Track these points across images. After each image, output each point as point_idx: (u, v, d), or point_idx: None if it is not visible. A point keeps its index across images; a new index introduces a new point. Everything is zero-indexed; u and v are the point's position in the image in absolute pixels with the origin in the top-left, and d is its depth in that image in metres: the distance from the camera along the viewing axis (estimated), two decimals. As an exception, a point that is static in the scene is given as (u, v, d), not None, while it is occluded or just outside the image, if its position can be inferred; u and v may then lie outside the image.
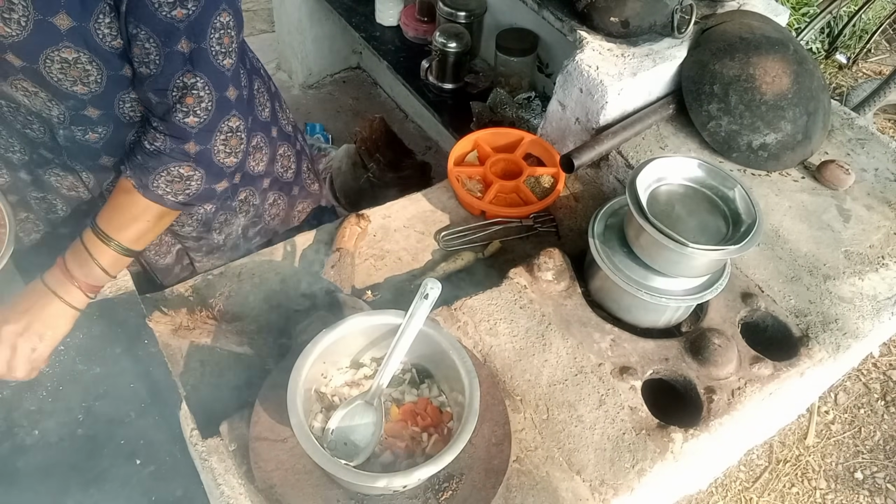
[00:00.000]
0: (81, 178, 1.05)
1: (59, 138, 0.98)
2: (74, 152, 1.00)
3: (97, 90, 0.90)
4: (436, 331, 0.89)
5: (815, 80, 1.43)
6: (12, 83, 0.89)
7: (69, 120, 0.94)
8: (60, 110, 0.92)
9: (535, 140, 1.42)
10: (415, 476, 0.77)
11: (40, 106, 0.92)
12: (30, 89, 0.89)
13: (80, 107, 0.92)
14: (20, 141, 1.01)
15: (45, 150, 1.02)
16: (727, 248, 0.98)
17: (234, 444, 0.90)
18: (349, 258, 1.16)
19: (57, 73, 0.86)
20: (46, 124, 0.97)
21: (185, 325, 1.05)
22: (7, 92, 0.91)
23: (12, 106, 0.94)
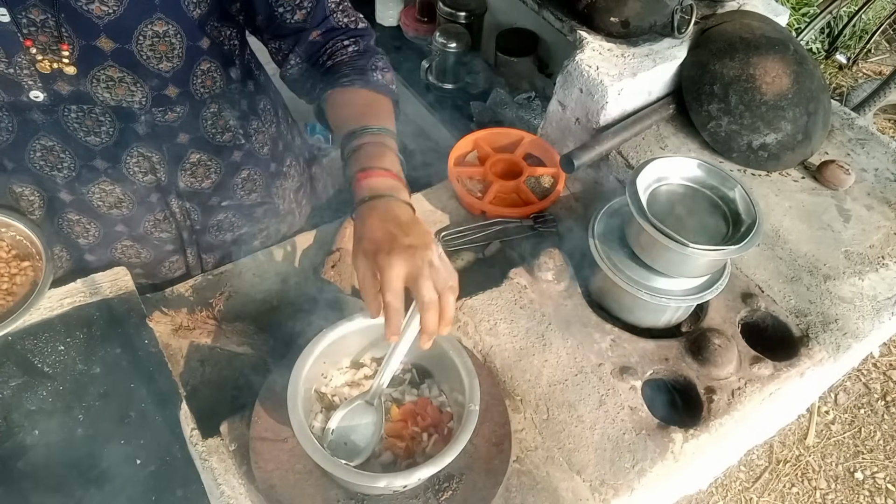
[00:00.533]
0: (153, 164, 1.04)
1: (140, 125, 0.98)
2: (154, 137, 1.01)
3: (178, 65, 0.92)
4: None
5: (815, 80, 1.43)
6: (95, 76, 0.89)
7: (151, 102, 0.95)
8: (143, 93, 0.93)
9: (535, 140, 1.42)
10: (415, 476, 0.77)
11: (122, 94, 0.92)
12: (115, 76, 0.90)
13: (163, 86, 0.94)
14: (73, 154, 0.99)
15: (101, 159, 1.00)
16: (727, 249, 0.98)
17: (234, 444, 0.90)
18: (349, 258, 1.16)
19: (147, 51, 0.88)
20: (121, 117, 0.96)
21: (185, 325, 1.05)
22: (85, 91, 0.91)
23: (84, 109, 0.93)
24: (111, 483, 0.86)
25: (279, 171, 1.23)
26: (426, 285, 0.74)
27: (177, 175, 1.08)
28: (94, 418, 0.91)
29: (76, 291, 1.04)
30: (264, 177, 1.19)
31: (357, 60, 0.95)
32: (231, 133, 1.08)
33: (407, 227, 0.77)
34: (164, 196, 1.10)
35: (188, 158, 1.07)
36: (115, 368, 0.95)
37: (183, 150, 1.05)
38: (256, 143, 1.15)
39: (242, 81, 1.08)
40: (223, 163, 1.11)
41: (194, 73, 0.96)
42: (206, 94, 1.01)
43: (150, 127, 0.99)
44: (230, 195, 1.16)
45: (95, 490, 0.85)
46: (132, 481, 0.86)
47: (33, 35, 0.84)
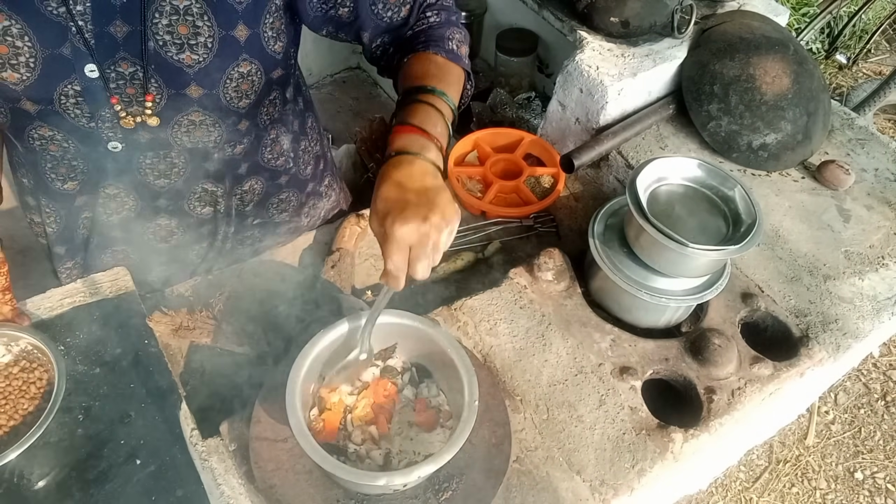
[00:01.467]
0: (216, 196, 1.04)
1: (211, 163, 0.98)
2: (221, 171, 1.01)
3: (254, 100, 0.92)
4: (434, 329, 0.89)
5: (815, 80, 1.43)
6: (178, 121, 0.88)
7: (224, 139, 0.95)
8: (220, 131, 0.94)
9: (535, 140, 1.42)
10: (415, 474, 0.77)
11: (200, 136, 0.92)
12: (196, 120, 0.90)
13: (237, 122, 0.94)
14: (137, 196, 0.99)
15: (165, 199, 1.01)
16: (727, 249, 0.98)
17: (234, 444, 0.90)
18: (349, 258, 1.16)
19: (231, 92, 0.88)
20: (195, 157, 0.96)
21: (186, 325, 1.05)
22: (164, 138, 0.90)
23: (159, 155, 0.93)
24: (111, 483, 0.86)
25: (315, 190, 1.23)
26: (423, 266, 0.73)
27: (231, 202, 1.09)
28: (94, 418, 0.91)
29: (76, 291, 1.04)
30: (300, 197, 1.20)
31: (436, 30, 0.93)
32: (284, 158, 1.09)
33: (425, 192, 0.73)
34: (215, 227, 1.10)
35: (242, 186, 1.08)
36: (115, 368, 0.95)
37: (242, 178, 1.06)
38: (302, 164, 1.16)
39: (294, 100, 1.08)
40: (269, 184, 1.12)
41: (262, 103, 0.97)
42: (268, 122, 1.01)
43: (219, 163, 0.99)
44: (263, 214, 1.17)
45: (95, 490, 0.85)
46: (132, 481, 0.86)
47: (121, 89, 0.84)
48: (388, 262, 0.73)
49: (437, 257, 0.75)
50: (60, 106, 0.84)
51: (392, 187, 0.74)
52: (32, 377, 0.90)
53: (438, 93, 0.84)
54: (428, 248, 0.73)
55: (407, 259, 0.73)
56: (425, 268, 0.74)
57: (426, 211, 0.72)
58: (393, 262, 0.72)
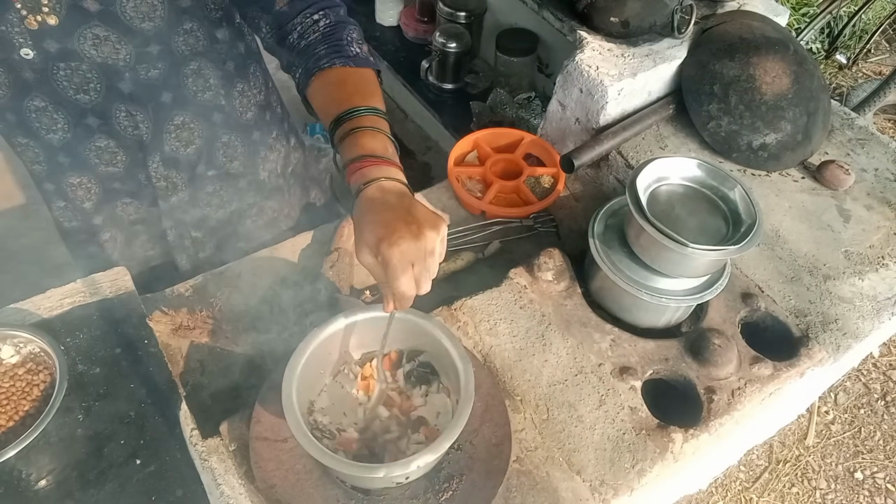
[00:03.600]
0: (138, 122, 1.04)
1: (125, 83, 0.99)
2: (138, 94, 1.01)
3: (160, 24, 0.94)
4: (427, 322, 0.88)
5: (815, 80, 1.43)
6: (82, 34, 0.91)
7: (134, 59, 0.96)
8: (128, 50, 0.95)
9: (535, 140, 1.42)
10: (414, 465, 0.76)
11: (107, 52, 0.94)
12: (101, 35, 0.92)
13: (145, 44, 0.95)
14: (66, 114, 1.01)
15: (93, 116, 1.02)
16: (727, 249, 0.98)
17: (234, 444, 0.90)
18: (348, 258, 1.16)
19: (130, 11, 0.91)
20: (108, 75, 0.97)
21: (185, 324, 1.05)
22: (73, 49, 0.92)
23: (71, 66, 0.95)
24: (111, 483, 0.86)
25: (263, 140, 1.21)
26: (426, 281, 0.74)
27: (161, 138, 1.07)
28: (94, 418, 0.91)
29: (76, 291, 1.04)
30: (246, 145, 1.18)
31: (330, 36, 0.92)
32: (212, 92, 1.08)
33: (407, 211, 0.74)
34: (145, 157, 1.09)
35: (172, 120, 1.07)
36: (115, 368, 0.96)
37: (167, 110, 1.05)
38: (239, 107, 1.13)
39: (231, 43, 1.07)
40: (205, 125, 1.10)
41: (176, 31, 0.97)
42: (187, 52, 1.01)
43: (134, 84, 0.99)
44: (215, 162, 1.15)
45: (95, 490, 0.85)
46: (132, 481, 0.86)
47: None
48: (397, 285, 0.73)
49: (436, 268, 0.76)
50: None
51: (373, 217, 0.75)
52: (37, 379, 0.90)
53: (370, 111, 0.84)
54: (428, 261, 0.74)
55: (412, 277, 0.74)
56: (428, 281, 0.75)
57: (416, 228, 0.73)
58: (402, 285, 0.73)
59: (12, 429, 0.86)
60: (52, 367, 0.90)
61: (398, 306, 0.77)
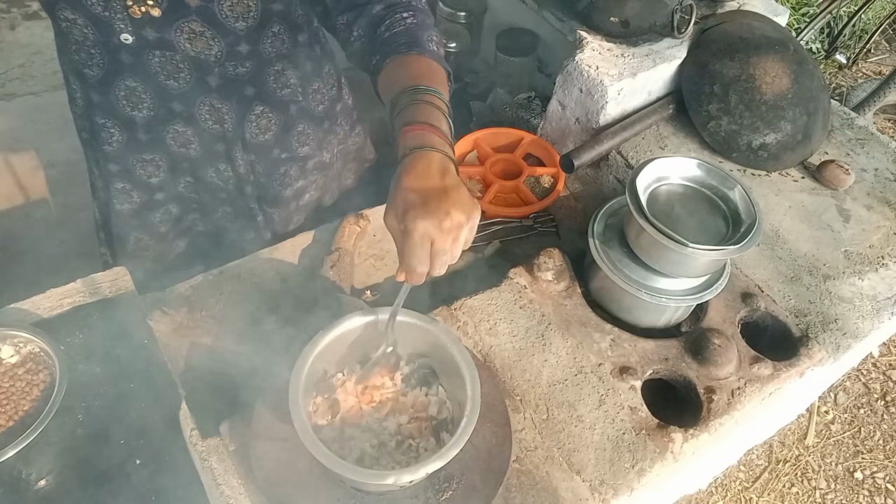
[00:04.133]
0: (222, 115, 1.11)
1: (213, 77, 1.05)
2: (225, 89, 1.07)
3: (252, 24, 1.00)
4: (434, 326, 0.89)
5: (815, 80, 1.43)
6: (179, 27, 0.97)
7: (224, 57, 1.02)
8: (220, 47, 1.01)
9: (535, 140, 1.42)
10: (422, 471, 0.77)
11: (201, 47, 1.00)
12: (196, 30, 0.98)
13: (236, 43, 1.01)
14: (153, 95, 1.06)
15: (178, 103, 1.07)
16: (727, 249, 0.98)
17: (234, 444, 0.90)
18: (348, 258, 1.16)
19: (227, 10, 0.97)
20: (198, 68, 1.03)
21: (186, 324, 1.05)
22: (169, 39, 0.98)
23: (166, 55, 1.00)
24: (111, 483, 0.86)
25: (332, 128, 1.29)
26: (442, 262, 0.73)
27: (243, 126, 1.14)
28: (94, 418, 0.91)
29: (76, 291, 1.04)
30: (317, 132, 1.25)
31: (414, 31, 0.95)
32: (290, 90, 1.15)
33: (445, 189, 0.73)
34: (228, 148, 1.16)
35: (253, 110, 1.13)
36: (115, 368, 0.95)
37: (248, 102, 1.12)
38: (313, 102, 1.21)
39: (309, 46, 1.14)
40: (283, 116, 1.17)
41: (265, 34, 1.03)
42: (273, 54, 1.07)
43: (221, 79, 1.06)
44: (288, 147, 1.22)
45: (95, 490, 0.85)
46: (132, 481, 0.86)
47: None
48: (410, 257, 0.72)
49: (457, 254, 0.75)
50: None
51: (412, 182, 0.73)
52: (37, 379, 0.90)
53: (435, 92, 0.84)
54: (448, 244, 0.72)
55: (429, 254, 0.73)
56: (444, 264, 0.74)
57: (448, 206, 0.71)
58: (416, 258, 0.72)
59: (12, 429, 0.86)
60: (52, 367, 0.90)
61: (408, 279, 0.76)
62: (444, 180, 0.74)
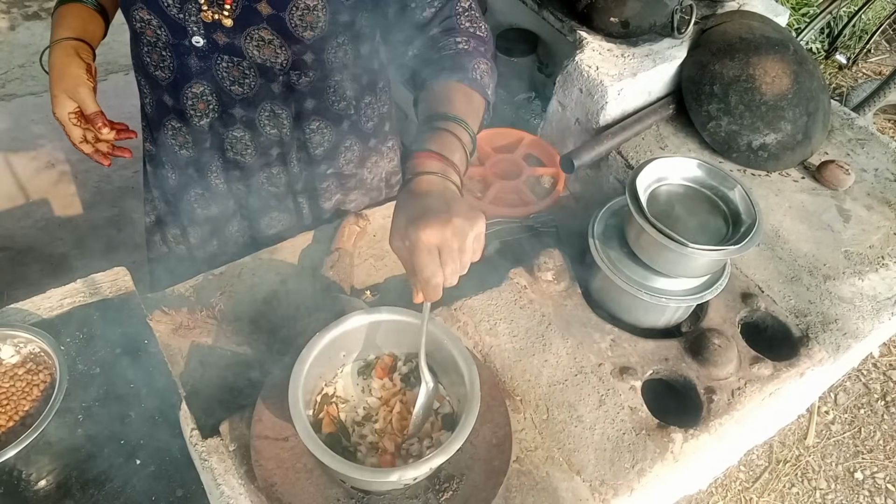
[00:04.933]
0: (282, 121, 1.13)
1: (277, 84, 1.07)
2: (286, 97, 1.09)
3: (319, 34, 1.00)
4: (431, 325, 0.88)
5: (815, 80, 1.43)
6: (249, 33, 0.98)
7: (290, 66, 1.04)
8: (286, 56, 1.02)
9: (535, 140, 1.42)
10: (425, 467, 0.77)
11: (268, 55, 1.01)
12: (265, 38, 0.99)
13: (303, 52, 1.02)
14: (218, 98, 1.08)
15: (240, 108, 1.09)
16: (727, 249, 0.98)
17: (234, 444, 0.90)
18: (348, 258, 1.16)
19: (297, 20, 0.97)
20: (264, 74, 1.05)
21: (186, 324, 1.05)
22: (238, 45, 1.00)
23: (234, 61, 1.02)
24: (111, 483, 0.86)
25: (377, 147, 1.29)
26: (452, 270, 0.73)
27: (300, 133, 1.16)
28: (94, 418, 0.91)
29: (76, 291, 1.04)
30: (362, 150, 1.26)
31: (462, 57, 0.95)
32: (346, 103, 1.16)
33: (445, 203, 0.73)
34: (284, 152, 1.18)
35: (310, 123, 1.15)
36: (115, 368, 0.95)
37: (307, 113, 1.14)
38: (364, 117, 1.22)
39: (368, 59, 1.15)
40: (335, 130, 1.19)
41: (330, 44, 1.04)
42: (336, 64, 1.08)
43: (285, 87, 1.08)
44: (335, 163, 1.24)
45: (95, 490, 0.85)
46: (132, 481, 0.86)
47: None
48: (422, 270, 0.72)
49: (466, 262, 0.74)
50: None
51: (410, 202, 0.75)
52: (37, 380, 0.90)
53: (458, 121, 0.85)
54: (454, 251, 0.72)
55: (439, 264, 0.72)
56: (454, 273, 0.73)
57: (447, 215, 0.71)
58: (427, 269, 0.72)
59: (12, 429, 0.87)
60: (52, 367, 0.90)
61: (426, 297, 0.75)
62: (443, 196, 0.75)
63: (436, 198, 0.74)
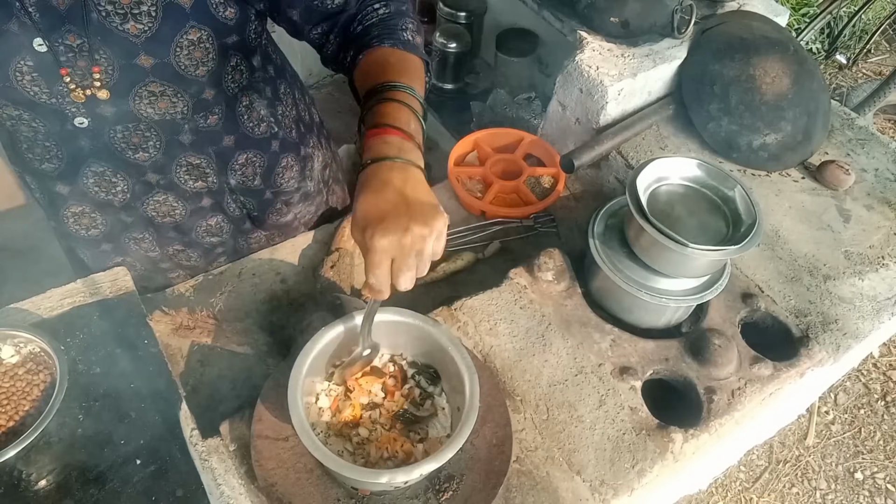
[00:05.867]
0: (203, 170, 1.05)
1: (185, 134, 0.98)
2: (200, 143, 1.01)
3: (213, 67, 0.92)
4: (435, 328, 0.89)
5: (815, 80, 1.43)
6: (138, 93, 0.89)
7: (192, 110, 0.95)
8: (185, 102, 0.93)
9: (535, 140, 1.42)
10: (416, 472, 0.77)
11: (165, 107, 0.92)
12: (156, 91, 0.90)
13: (200, 91, 0.94)
14: (125, 175, 1.01)
15: (152, 172, 1.01)
16: (727, 249, 0.98)
17: (234, 444, 0.90)
18: (348, 258, 1.16)
19: (185, 60, 0.88)
20: (165, 130, 0.96)
21: (186, 324, 1.05)
22: (128, 110, 0.90)
23: (129, 128, 0.93)
24: (111, 483, 0.86)
25: (307, 153, 1.23)
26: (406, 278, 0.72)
27: (227, 175, 1.09)
28: (94, 418, 0.91)
29: (76, 291, 1.04)
30: (298, 161, 1.20)
31: (387, 21, 0.91)
32: (266, 123, 1.09)
33: (405, 201, 0.71)
34: (217, 200, 1.11)
35: (236, 160, 1.08)
36: (115, 368, 0.95)
37: (230, 152, 1.06)
38: (286, 129, 1.15)
39: (263, 68, 1.08)
40: (265, 155, 1.12)
41: (225, 71, 0.96)
42: (236, 89, 1.01)
43: (194, 134, 0.99)
44: (274, 184, 1.17)
45: (95, 490, 0.85)
46: (132, 481, 0.86)
47: (71, 62, 0.84)
48: (370, 275, 0.72)
49: (424, 267, 0.74)
50: (18, 83, 0.84)
51: (370, 197, 0.72)
52: (37, 380, 0.90)
53: (403, 87, 0.82)
54: (410, 259, 0.71)
55: (389, 271, 0.72)
56: (409, 279, 0.73)
57: (406, 220, 0.70)
58: (375, 276, 0.72)
59: (12, 429, 0.86)
60: (52, 367, 0.90)
61: (372, 296, 0.75)
62: (403, 191, 0.72)
63: (395, 193, 0.72)
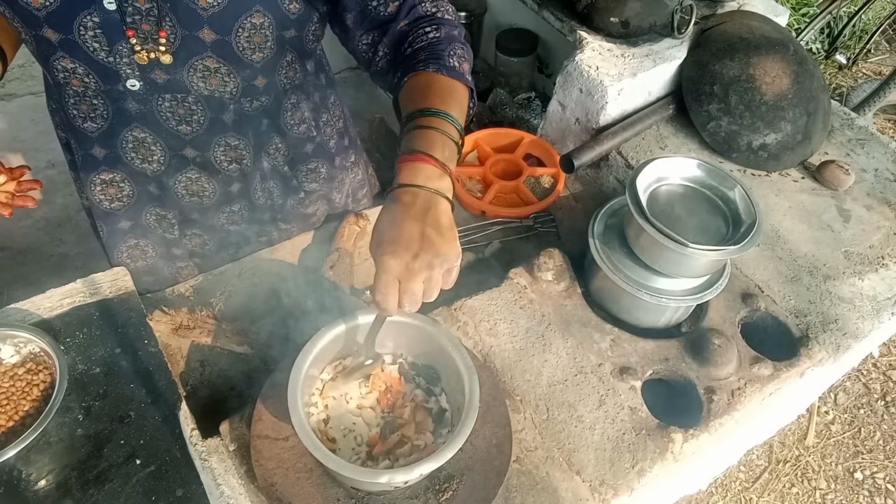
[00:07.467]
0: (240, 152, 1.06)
1: (228, 114, 1.00)
2: (240, 125, 1.03)
3: (269, 55, 0.94)
4: (435, 328, 0.89)
5: (815, 80, 1.43)
6: (192, 65, 0.91)
7: (241, 92, 0.98)
8: (235, 83, 0.96)
9: (535, 140, 1.42)
10: (416, 472, 0.77)
11: (216, 84, 0.94)
12: (211, 66, 0.92)
13: (253, 77, 0.96)
14: (164, 146, 1.02)
15: (191, 147, 1.03)
16: (727, 249, 0.98)
17: (234, 443, 0.90)
18: (348, 258, 1.16)
19: (244, 42, 0.90)
20: (212, 106, 0.98)
21: (186, 324, 1.05)
22: (181, 80, 0.92)
23: (177, 98, 0.95)
24: (111, 483, 0.86)
25: (343, 165, 1.25)
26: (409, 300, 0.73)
27: (261, 159, 1.10)
28: (94, 418, 0.91)
29: (76, 291, 1.04)
30: (329, 170, 1.21)
31: (435, 46, 0.91)
32: (306, 125, 1.11)
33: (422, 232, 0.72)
34: (246, 186, 1.12)
35: (272, 144, 1.10)
36: (115, 368, 0.96)
37: (266, 137, 1.08)
38: (326, 136, 1.18)
39: (316, 75, 1.11)
40: (296, 152, 1.14)
41: (280, 63, 0.99)
42: (288, 85, 1.03)
43: (237, 115, 1.01)
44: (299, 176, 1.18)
45: (95, 490, 0.85)
46: (132, 481, 0.86)
47: (136, 24, 0.86)
48: (376, 292, 0.73)
49: (431, 294, 0.75)
50: (80, 37, 0.86)
51: (390, 219, 0.74)
52: (37, 379, 0.90)
53: (443, 115, 0.83)
54: (416, 283, 0.72)
55: (395, 292, 0.73)
56: (413, 303, 0.74)
57: (417, 247, 0.71)
58: (381, 294, 0.73)
59: (12, 429, 0.87)
60: (52, 367, 0.90)
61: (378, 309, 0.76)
62: (424, 220, 0.73)
63: (413, 220, 0.73)
